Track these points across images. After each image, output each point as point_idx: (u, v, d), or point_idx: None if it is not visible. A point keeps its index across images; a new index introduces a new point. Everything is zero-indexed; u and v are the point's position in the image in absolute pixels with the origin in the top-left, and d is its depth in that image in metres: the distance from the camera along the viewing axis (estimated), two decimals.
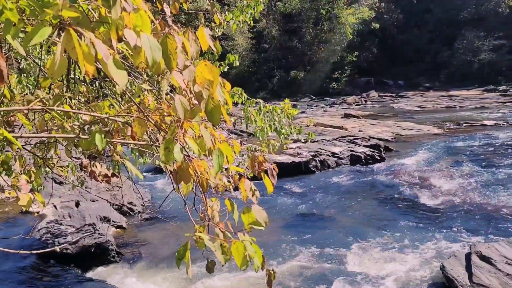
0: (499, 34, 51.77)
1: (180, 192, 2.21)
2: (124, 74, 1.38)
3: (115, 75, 1.36)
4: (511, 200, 8.28)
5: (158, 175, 11.55)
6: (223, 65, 4.38)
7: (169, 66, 1.64)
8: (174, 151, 1.61)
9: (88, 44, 1.30)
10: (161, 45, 1.57)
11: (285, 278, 5.55)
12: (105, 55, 1.34)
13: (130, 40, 1.45)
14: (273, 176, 2.61)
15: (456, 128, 18.76)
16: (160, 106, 2.46)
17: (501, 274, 4.76)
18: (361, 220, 7.71)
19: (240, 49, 45.34)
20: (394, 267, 5.72)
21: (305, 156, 12.06)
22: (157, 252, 6.48)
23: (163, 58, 1.59)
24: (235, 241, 1.82)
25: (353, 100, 37.66)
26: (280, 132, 4.52)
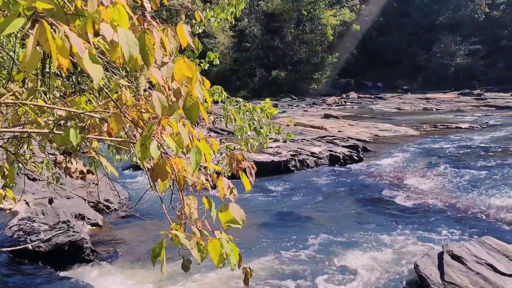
0: (474, 39, 53.16)
1: (157, 190, 2.19)
2: (100, 69, 1.36)
3: (91, 70, 1.34)
4: (482, 201, 8.51)
5: (136, 172, 11.42)
6: (203, 63, 4.36)
7: (146, 62, 1.61)
8: (151, 148, 1.60)
9: (63, 37, 1.27)
10: (138, 40, 1.54)
11: (262, 276, 5.56)
12: (80, 49, 1.31)
13: (106, 34, 1.42)
14: (251, 175, 2.61)
15: (432, 130, 19.17)
16: (138, 103, 2.43)
17: (471, 273, 4.89)
18: (338, 219, 7.80)
19: (222, 47, 45.18)
20: (369, 265, 5.80)
21: (284, 156, 12.11)
22: (133, 250, 6.40)
23: (141, 53, 1.57)
24: (212, 239, 1.82)
25: (333, 101, 38.03)
26: (259, 131, 4.53)
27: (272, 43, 48.79)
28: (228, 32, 46.40)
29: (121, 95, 2.46)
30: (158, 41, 1.65)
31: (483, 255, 5.16)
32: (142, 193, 3.42)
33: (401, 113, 28.37)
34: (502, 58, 53.87)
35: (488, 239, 5.55)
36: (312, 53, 48.25)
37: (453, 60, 52.57)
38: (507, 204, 8.21)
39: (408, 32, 55.41)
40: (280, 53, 49.06)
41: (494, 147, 14.34)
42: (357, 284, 5.32)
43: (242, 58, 48.28)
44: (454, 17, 55.00)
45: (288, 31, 48.96)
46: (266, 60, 48.70)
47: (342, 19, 49.27)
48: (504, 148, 14.08)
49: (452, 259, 5.18)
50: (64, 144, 2.25)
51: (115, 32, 1.44)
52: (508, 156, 12.65)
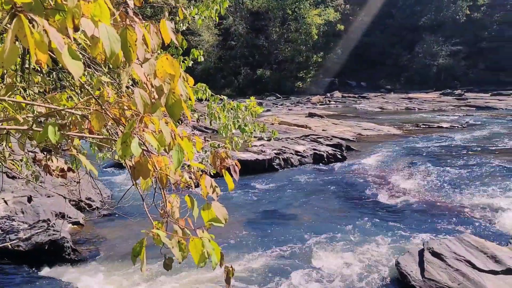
0: (456, 40, 54.11)
1: (138, 188, 2.17)
2: (80, 65, 1.33)
3: (70, 66, 1.31)
4: (462, 199, 8.68)
5: (119, 171, 11.30)
6: (187, 60, 4.33)
7: (128, 58, 1.60)
8: (132, 145, 1.58)
9: (41, 32, 1.25)
10: (120, 36, 1.52)
11: (245, 275, 5.57)
12: (59, 44, 1.29)
13: (87, 29, 1.40)
14: (235, 173, 2.60)
15: (414, 129, 19.45)
16: (120, 100, 2.40)
17: (451, 270, 4.99)
18: (321, 217, 7.86)
19: (207, 45, 44.97)
20: (352, 263, 5.86)
21: (269, 154, 12.13)
22: (115, 249, 6.33)
23: (122, 50, 1.55)
24: (193, 238, 1.81)
25: (318, 100, 38.26)
26: (243, 129, 4.52)
27: (257, 41, 48.81)
28: (213, 30, 46.21)
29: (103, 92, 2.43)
30: (140, 38, 1.63)
31: (462, 252, 5.27)
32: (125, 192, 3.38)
33: (384, 112, 28.70)
34: (482, 59, 55.00)
35: (467, 236, 5.67)
36: (297, 52, 48.45)
37: (435, 60, 53.44)
38: (485, 202, 8.39)
39: (391, 33, 56.08)
40: (265, 52, 49.11)
41: (474, 147, 14.63)
42: (340, 282, 5.37)
43: (227, 56, 48.17)
44: (436, 18, 55.89)
45: (273, 30, 49.04)
46: (251, 59, 48.69)
47: (327, 18, 49.57)
48: (484, 148, 14.38)
49: (432, 256, 5.27)
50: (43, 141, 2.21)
51: (96, 27, 1.41)
52: (487, 155, 12.92)
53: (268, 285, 5.30)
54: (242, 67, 47.97)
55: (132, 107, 2.14)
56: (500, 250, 5.35)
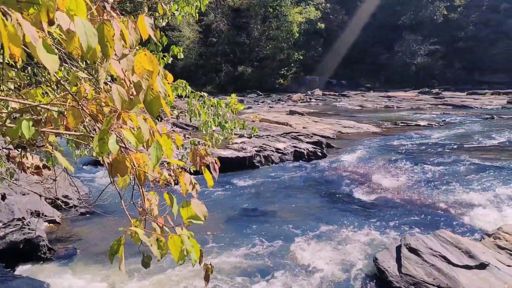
0: (433, 40, 55.17)
1: (116, 185, 2.14)
2: (55, 59, 1.31)
3: (45, 60, 1.29)
4: (438, 196, 8.87)
5: (97, 168, 11.13)
6: (167, 56, 4.28)
7: (105, 54, 1.57)
8: (109, 142, 1.55)
9: (15, 25, 1.22)
10: (97, 31, 1.50)
11: (225, 272, 5.57)
12: (34, 38, 1.26)
13: (62, 24, 1.37)
14: (215, 170, 2.60)
15: (393, 127, 19.77)
16: (98, 96, 2.36)
17: (427, 265, 5.10)
18: (302, 215, 7.91)
19: (187, 42, 44.61)
20: (331, 259, 5.93)
21: (249, 151, 12.14)
22: (93, 247, 6.24)
23: (99, 45, 1.53)
24: (172, 235, 1.80)
25: (299, 98, 38.48)
26: (224, 126, 4.51)
27: (238, 38, 48.71)
28: (194, 26, 45.88)
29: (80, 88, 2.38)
30: (118, 33, 1.60)
31: (437, 247, 5.39)
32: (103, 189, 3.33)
33: (363, 110, 29.07)
34: (458, 59, 56.27)
35: (443, 232, 5.80)
36: (278, 49, 48.59)
37: (414, 59, 54.38)
38: (461, 199, 8.60)
39: (372, 32, 56.79)
40: (246, 49, 49.06)
41: (450, 144, 14.97)
42: (319, 278, 5.42)
43: (208, 53, 47.92)
44: (415, 17, 56.84)
45: (255, 27, 49.03)
46: (232, 56, 48.57)
47: (308, 17, 49.84)
48: (460, 145, 14.73)
49: (409, 252, 5.37)
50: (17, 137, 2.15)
51: (72, 21, 1.39)
52: (462, 153, 13.24)
53: (248, 282, 5.31)
54: (223, 64, 47.82)
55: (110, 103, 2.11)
56: (474, 245, 5.50)
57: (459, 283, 4.75)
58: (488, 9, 56.99)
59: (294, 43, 49.63)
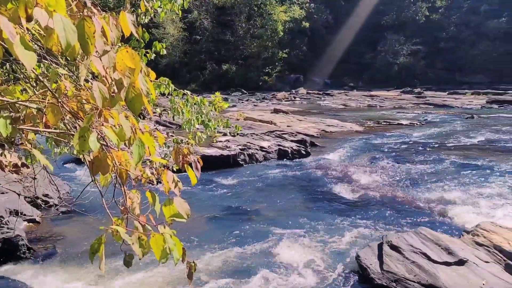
0: (416, 40, 55.99)
1: (97, 184, 2.12)
2: (33, 56, 1.28)
3: (22, 56, 1.26)
4: (419, 194, 9.02)
5: (79, 166, 10.97)
6: (149, 53, 4.25)
7: (86, 51, 1.55)
8: (90, 140, 1.53)
9: None
10: (77, 27, 1.47)
11: (208, 270, 5.55)
12: (11, 34, 1.24)
13: (41, 20, 1.35)
14: (197, 169, 2.59)
15: (375, 126, 20.00)
16: (79, 93, 2.33)
17: (408, 262, 5.18)
18: (285, 213, 7.94)
19: (171, 39, 44.27)
20: (315, 257, 5.97)
21: (233, 150, 12.13)
22: (74, 247, 6.15)
23: (79, 41, 1.50)
24: (155, 234, 1.79)
25: (283, 96, 38.59)
26: (207, 124, 4.50)
27: (223, 36, 48.56)
28: (177, 24, 45.55)
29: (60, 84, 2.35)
30: (99, 29, 1.58)
31: (418, 244, 5.48)
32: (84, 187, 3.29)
33: (347, 109, 29.33)
34: (440, 59, 57.27)
35: (423, 230, 5.90)
36: (263, 48, 48.62)
37: (397, 59, 55.10)
38: (441, 196, 8.76)
39: (355, 31, 57.29)
40: (231, 47, 48.95)
41: (431, 143, 15.23)
42: (302, 276, 5.46)
43: (192, 51, 47.67)
44: (397, 18, 57.58)
45: (239, 25, 48.95)
46: (217, 54, 48.41)
47: (292, 16, 49.98)
48: (440, 144, 14.99)
49: (390, 249, 5.45)
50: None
51: (51, 17, 1.36)
52: (443, 152, 13.48)
53: (232, 280, 5.31)
54: (207, 62, 47.63)
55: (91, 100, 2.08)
56: (453, 242, 5.61)
57: (439, 279, 4.84)
58: (469, 11, 58.13)
59: (278, 41, 49.75)
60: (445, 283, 4.77)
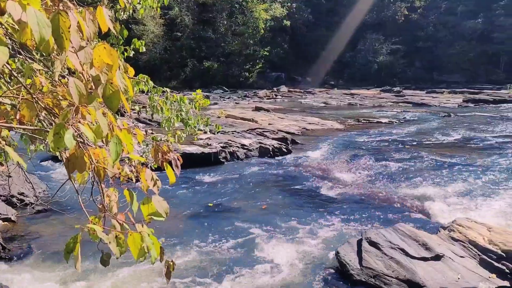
0: (395, 39, 56.81)
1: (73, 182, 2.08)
2: (4, 51, 1.25)
3: None
4: (398, 191, 9.17)
5: (56, 164, 10.75)
6: (128, 50, 4.18)
7: (61, 46, 1.51)
8: (66, 137, 1.50)
9: None
10: (52, 22, 1.44)
11: (187, 269, 5.53)
12: None
13: (14, 13, 1.31)
14: (177, 167, 2.57)
15: (356, 124, 20.23)
16: (55, 89, 2.28)
17: (386, 258, 5.27)
18: (266, 210, 7.97)
19: (151, 35, 43.76)
20: (295, 254, 6.01)
21: (215, 147, 12.09)
22: (50, 246, 6.03)
23: (54, 36, 1.47)
24: (132, 232, 1.77)
25: (264, 94, 38.63)
26: (187, 122, 4.47)
27: (204, 33, 48.25)
28: (158, 20, 45.03)
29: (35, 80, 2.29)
30: (75, 24, 1.55)
31: (397, 240, 5.58)
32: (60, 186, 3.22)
33: (328, 107, 29.58)
34: (418, 58, 58.29)
35: (402, 226, 6.01)
36: (244, 45, 48.52)
37: (376, 58, 55.81)
38: (419, 193, 8.92)
39: (335, 30, 57.76)
40: (212, 44, 48.69)
41: (410, 141, 15.50)
42: (283, 273, 5.49)
43: (173, 48, 47.20)
44: (378, 17, 58.29)
45: (221, 23, 48.73)
46: (198, 51, 48.08)
47: (273, 14, 50.03)
48: (418, 142, 15.27)
49: (369, 246, 5.53)
50: None
51: (24, 11, 1.33)
52: (421, 149, 13.74)
53: (212, 278, 5.30)
54: (188, 59, 47.25)
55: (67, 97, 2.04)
56: (430, 238, 5.73)
57: (416, 274, 4.94)
58: (446, 11, 59.32)
59: (260, 39, 49.75)
60: (422, 278, 4.87)
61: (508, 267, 5.06)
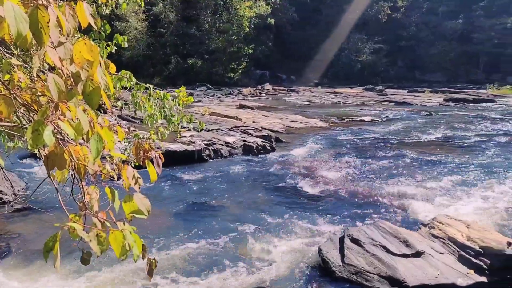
0: (378, 38, 57.38)
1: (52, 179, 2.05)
2: None
3: None
4: (380, 189, 9.28)
5: (36, 162, 10.55)
6: (110, 46, 4.13)
7: (39, 41, 1.48)
8: (45, 134, 1.48)
9: None
10: (30, 16, 1.41)
11: (171, 266, 5.50)
12: None
13: None
14: (158, 165, 2.55)
15: (339, 123, 20.39)
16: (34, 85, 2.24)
17: (368, 255, 5.34)
18: (249, 208, 7.98)
19: (134, 32, 43.25)
20: (278, 251, 6.03)
21: (198, 145, 12.04)
22: (29, 245, 5.92)
23: (32, 31, 1.44)
24: (114, 230, 1.75)
25: (249, 92, 38.60)
26: (170, 119, 4.44)
27: (188, 30, 47.89)
28: (141, 16, 44.52)
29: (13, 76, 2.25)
30: (54, 19, 1.52)
31: (378, 237, 5.65)
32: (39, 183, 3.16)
33: (312, 105, 29.73)
34: (401, 57, 59.04)
35: (383, 223, 6.09)
36: (229, 43, 48.35)
37: (360, 57, 56.31)
38: (401, 191, 9.06)
39: (319, 28, 58.03)
40: (196, 41, 48.38)
41: (392, 139, 15.71)
42: (265, 270, 5.50)
43: (157, 44, 46.73)
44: (361, 16, 58.75)
45: (205, 19, 48.45)
46: (182, 48, 47.72)
47: (258, 11, 49.97)
48: (400, 140, 15.49)
49: (351, 243, 5.59)
50: None
51: (1, 5, 1.30)
52: (403, 148, 13.94)
53: (194, 276, 5.28)
54: (172, 56, 46.85)
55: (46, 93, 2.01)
56: (411, 235, 5.82)
57: (397, 271, 5.02)
58: (428, 11, 60.20)
59: (244, 37, 49.63)
60: (402, 275, 4.96)
61: (485, 263, 5.18)
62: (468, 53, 55.66)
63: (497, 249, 5.25)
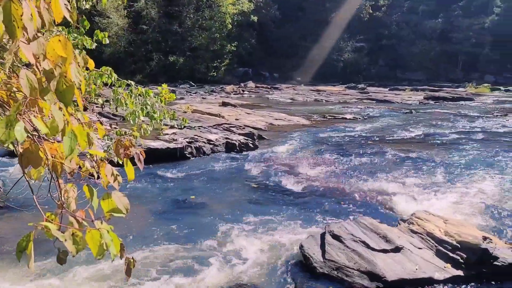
0: (360, 37, 57.96)
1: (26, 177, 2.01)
2: None
3: None
4: (361, 185, 9.39)
5: (14, 160, 10.32)
6: (89, 42, 4.06)
7: (12, 35, 1.45)
8: (16, 129, 1.44)
9: None
10: (3, 9, 1.38)
11: (150, 265, 5.46)
12: None
13: None
14: (140, 161, 2.53)
15: (321, 120, 20.53)
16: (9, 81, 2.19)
17: (348, 250, 5.40)
18: (231, 206, 7.97)
19: (115, 28, 42.62)
20: (260, 248, 6.05)
21: (180, 143, 11.96)
22: (5, 245, 5.78)
23: (5, 24, 1.41)
24: (91, 229, 1.72)
25: (232, 89, 38.51)
26: (152, 116, 4.40)
27: (170, 27, 47.45)
28: (122, 12, 43.90)
29: None
30: (28, 12, 1.48)
31: (358, 233, 5.72)
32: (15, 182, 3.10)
33: (294, 103, 29.85)
34: (382, 56, 59.78)
35: (363, 219, 6.17)
36: (211, 40, 48.12)
37: (342, 55, 56.79)
38: (381, 187, 9.18)
39: (302, 26, 58.26)
40: (178, 38, 47.97)
41: (373, 136, 15.90)
42: (247, 267, 5.51)
43: (138, 41, 46.16)
44: (343, 15, 59.20)
45: (187, 16, 48.08)
46: (164, 45, 47.25)
47: (241, 9, 49.86)
48: (381, 137, 15.69)
49: (332, 239, 5.65)
50: None
51: None
52: (384, 145, 14.13)
53: (175, 274, 5.25)
54: (154, 53, 46.36)
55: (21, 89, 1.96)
56: (391, 231, 5.91)
57: (377, 265, 5.09)
58: (408, 10, 61.09)
59: (227, 34, 49.48)
60: (382, 270, 5.03)
61: (462, 257, 5.30)
62: (447, 53, 56.72)
63: (473, 244, 5.38)
